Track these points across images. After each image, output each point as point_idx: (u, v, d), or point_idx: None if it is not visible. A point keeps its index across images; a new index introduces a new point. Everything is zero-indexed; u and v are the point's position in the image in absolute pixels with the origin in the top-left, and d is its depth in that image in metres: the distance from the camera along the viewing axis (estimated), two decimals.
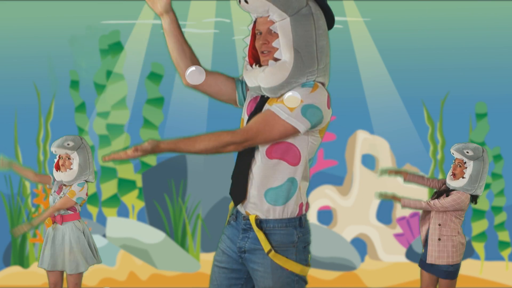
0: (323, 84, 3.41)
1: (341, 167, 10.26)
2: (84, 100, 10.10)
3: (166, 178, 9.87)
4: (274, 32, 3.27)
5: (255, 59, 3.38)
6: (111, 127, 10.06)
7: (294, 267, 3.32)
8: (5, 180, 9.93)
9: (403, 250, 10.04)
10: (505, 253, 10.01)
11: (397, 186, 10.10)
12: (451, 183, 6.13)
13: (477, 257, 9.96)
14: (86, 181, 6.41)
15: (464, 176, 6.06)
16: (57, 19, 10.09)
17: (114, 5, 10.13)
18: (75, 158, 6.34)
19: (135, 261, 9.74)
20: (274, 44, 3.26)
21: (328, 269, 9.82)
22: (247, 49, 3.39)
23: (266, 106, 3.32)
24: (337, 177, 10.27)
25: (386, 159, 10.21)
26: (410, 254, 9.98)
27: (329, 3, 3.31)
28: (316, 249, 9.87)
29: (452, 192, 6.13)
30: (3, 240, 9.90)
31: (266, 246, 3.30)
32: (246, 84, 3.46)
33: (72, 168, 6.32)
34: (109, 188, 10.04)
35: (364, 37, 10.19)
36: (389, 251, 10.04)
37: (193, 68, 3.45)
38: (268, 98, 3.35)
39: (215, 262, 3.48)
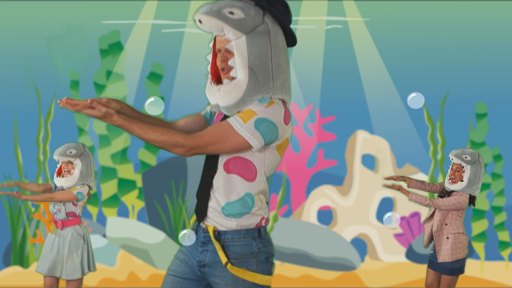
0: (283, 101, 3.37)
1: (341, 167, 10.26)
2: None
3: (166, 178, 9.87)
4: (231, 50, 3.29)
5: (217, 76, 3.40)
6: (111, 127, 10.06)
7: (254, 277, 3.34)
8: (5, 180, 9.93)
9: (403, 250, 10.04)
10: (505, 253, 10.01)
11: None
12: (450, 187, 6.50)
13: (477, 257, 9.96)
14: (88, 186, 6.44)
15: (463, 179, 6.42)
16: (56, 19, 10.09)
17: (114, 5, 10.13)
18: (78, 165, 6.37)
19: (135, 261, 9.75)
20: (230, 62, 3.29)
21: (328, 269, 9.82)
22: (209, 66, 3.40)
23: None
24: (337, 177, 10.27)
25: (386, 159, 10.21)
26: (410, 254, 9.98)
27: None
28: (316, 249, 9.88)
29: (453, 193, 6.47)
30: (3, 240, 9.90)
31: (223, 258, 3.31)
32: (213, 112, 3.52)
33: (73, 174, 6.35)
34: (109, 188, 10.04)
35: (364, 37, 10.19)
36: (389, 251, 10.04)
37: (152, 99, 3.50)
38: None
39: (170, 272, 3.45)
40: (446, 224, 6.42)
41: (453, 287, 6.50)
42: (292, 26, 3.41)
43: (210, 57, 3.41)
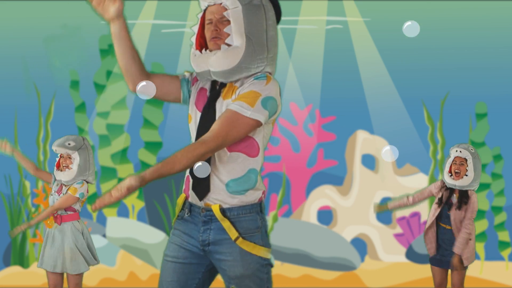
0: (270, 73, 3.44)
1: (341, 167, 10.25)
2: (84, 100, 10.10)
3: (166, 178, 9.86)
4: (226, 20, 3.34)
5: (202, 47, 3.45)
6: (111, 127, 10.06)
7: (262, 251, 3.38)
8: (5, 180, 9.94)
9: (403, 250, 10.04)
10: (505, 253, 10.01)
11: (397, 187, 10.12)
12: (457, 182, 6.40)
13: (477, 257, 9.92)
14: (86, 181, 6.41)
15: (467, 173, 6.36)
16: (56, 19, 10.10)
17: None
18: (76, 158, 6.33)
19: (135, 261, 9.75)
20: (225, 30, 3.33)
21: (328, 269, 9.82)
22: (194, 37, 3.45)
23: (224, 105, 3.34)
24: (337, 177, 10.27)
25: (386, 159, 10.21)
26: (410, 254, 9.98)
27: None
28: (316, 249, 9.88)
29: (468, 196, 6.41)
30: (3, 240, 9.90)
31: (233, 234, 3.33)
32: (190, 81, 3.51)
33: (71, 168, 6.32)
34: (109, 188, 10.03)
35: (364, 37, 10.19)
36: (389, 251, 10.04)
37: (143, 83, 3.49)
38: (219, 90, 3.37)
39: (168, 259, 3.49)
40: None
41: (463, 280, 6.54)
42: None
43: (196, 28, 3.43)
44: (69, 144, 6.35)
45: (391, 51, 10.13)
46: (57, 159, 6.44)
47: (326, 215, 10.19)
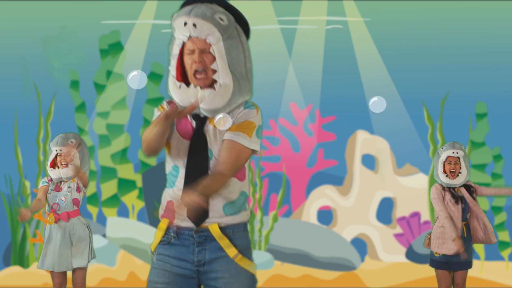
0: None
1: (341, 167, 10.26)
2: (84, 100, 10.11)
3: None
4: (209, 52, 3.39)
5: (182, 76, 3.52)
6: (111, 127, 10.07)
7: (254, 268, 3.46)
8: (5, 180, 9.94)
9: (403, 250, 10.04)
10: (505, 253, 10.01)
11: (397, 187, 10.12)
12: (454, 181, 6.43)
13: (477, 257, 9.96)
14: None
15: (461, 171, 6.41)
16: (56, 20, 10.10)
17: (114, 5, 10.13)
18: (76, 155, 6.36)
19: (135, 261, 9.75)
20: (212, 66, 3.38)
21: (328, 269, 9.82)
22: (173, 67, 3.53)
23: (216, 131, 3.44)
24: (337, 177, 10.27)
25: (386, 159, 10.21)
26: (410, 254, 9.98)
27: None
28: (316, 249, 9.88)
29: (471, 186, 6.50)
30: (3, 240, 9.90)
31: (232, 251, 3.39)
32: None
33: (72, 164, 6.33)
34: (109, 188, 10.04)
35: (364, 37, 10.19)
36: (389, 251, 10.04)
37: (135, 72, 3.54)
38: (205, 116, 3.45)
39: (157, 285, 3.45)
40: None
41: (466, 279, 6.55)
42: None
43: (175, 58, 3.50)
44: (71, 142, 6.38)
45: (391, 51, 10.13)
46: (51, 158, 6.42)
47: (326, 215, 10.19)
